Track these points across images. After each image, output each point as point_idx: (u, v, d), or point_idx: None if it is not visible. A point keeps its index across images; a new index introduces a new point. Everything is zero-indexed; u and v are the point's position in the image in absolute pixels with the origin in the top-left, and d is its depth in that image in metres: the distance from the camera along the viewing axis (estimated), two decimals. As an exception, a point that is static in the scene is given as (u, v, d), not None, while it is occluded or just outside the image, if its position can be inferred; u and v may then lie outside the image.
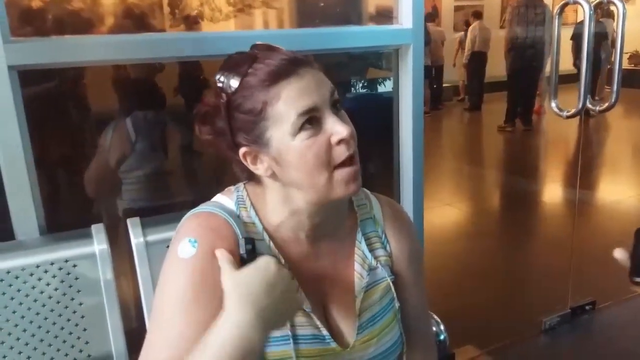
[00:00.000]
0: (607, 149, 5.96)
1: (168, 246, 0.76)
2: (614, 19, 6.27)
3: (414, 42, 1.34)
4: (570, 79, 3.03)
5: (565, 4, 1.59)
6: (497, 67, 7.17)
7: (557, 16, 1.64)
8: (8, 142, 0.99)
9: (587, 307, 2.25)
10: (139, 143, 1.50)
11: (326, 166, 0.69)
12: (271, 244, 0.76)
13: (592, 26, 1.61)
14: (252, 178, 0.76)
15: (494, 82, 7.57)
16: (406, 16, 1.34)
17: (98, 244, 1.00)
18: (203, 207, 0.77)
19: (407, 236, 0.86)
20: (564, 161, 5.29)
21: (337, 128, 0.68)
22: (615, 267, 0.78)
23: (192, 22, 1.53)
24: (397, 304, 0.81)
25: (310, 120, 0.68)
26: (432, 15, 7.74)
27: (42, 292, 0.96)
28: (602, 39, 5.75)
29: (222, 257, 0.68)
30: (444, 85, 7.98)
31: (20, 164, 1.01)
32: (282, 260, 0.75)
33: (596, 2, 1.62)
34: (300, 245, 0.77)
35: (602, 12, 5.54)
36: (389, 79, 1.57)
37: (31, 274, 0.96)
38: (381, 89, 3.05)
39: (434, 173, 4.61)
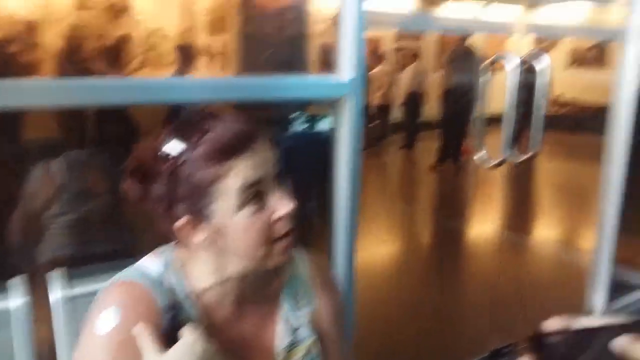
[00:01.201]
0: (532, 190, 6.32)
1: (92, 303, 0.72)
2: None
3: (354, 93, 1.38)
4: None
5: (494, 61, 1.70)
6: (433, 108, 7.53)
7: (486, 71, 1.74)
8: None
9: (505, 350, 2.32)
10: (66, 186, 1.43)
11: (266, 241, 0.70)
12: (195, 310, 0.74)
13: (517, 81, 1.72)
14: (184, 245, 0.74)
15: (430, 122, 7.93)
16: (347, 67, 1.38)
17: (14, 299, 0.93)
18: (125, 275, 0.74)
19: (332, 294, 0.87)
20: (490, 201, 5.55)
21: (280, 205, 0.70)
22: (534, 310, 0.81)
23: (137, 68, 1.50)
24: None
25: (255, 195, 0.69)
26: (380, 58, 8.07)
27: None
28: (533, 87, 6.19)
29: (144, 336, 0.65)
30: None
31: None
32: (204, 326, 0.72)
33: (522, 58, 1.74)
34: (224, 309, 0.76)
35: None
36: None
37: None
38: (323, 124, 3.09)
39: (367, 210, 4.69)
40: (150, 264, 0.75)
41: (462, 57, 6.06)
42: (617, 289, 2.48)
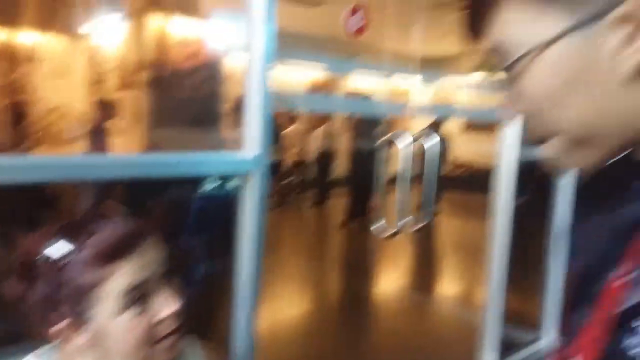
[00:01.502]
0: (434, 248, 6.65)
1: None
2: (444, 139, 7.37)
3: (260, 168, 1.45)
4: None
5: (390, 142, 1.87)
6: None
7: (383, 147, 1.91)
8: None
9: None
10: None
11: (147, 343, 0.70)
12: None
13: (409, 158, 1.89)
14: (65, 345, 0.73)
15: (342, 179, 8.28)
16: (253, 144, 1.46)
17: None
18: None
19: None
20: (395, 259, 5.78)
21: (164, 305, 0.71)
22: None
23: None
24: None
25: (139, 297, 0.69)
26: (293, 118, 8.36)
27: None
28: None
29: None
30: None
31: None
32: None
33: (413, 137, 1.92)
34: None
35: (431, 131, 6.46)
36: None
37: None
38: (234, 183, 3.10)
39: (278, 268, 4.72)
40: None
41: (366, 121, 6.43)
42: (508, 346, 2.60)
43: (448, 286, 5.03)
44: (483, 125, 8.65)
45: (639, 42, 0.43)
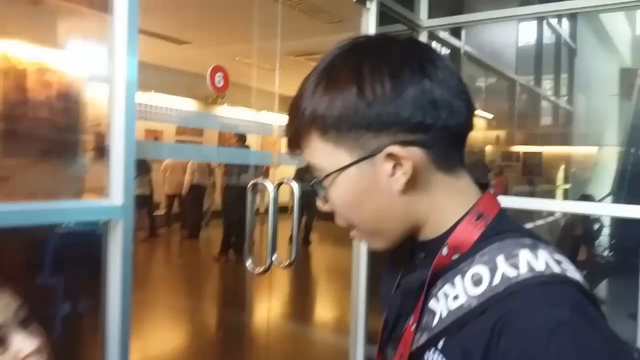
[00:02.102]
0: (308, 276, 6.83)
1: None
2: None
3: (124, 216, 1.47)
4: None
5: (255, 184, 1.98)
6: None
7: (250, 192, 2.01)
8: None
9: None
10: None
11: None
12: None
13: (275, 201, 2.01)
14: None
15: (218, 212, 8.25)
16: (117, 192, 1.47)
17: None
18: None
19: None
20: (272, 290, 5.86)
21: (22, 345, 0.75)
22: None
23: None
24: None
25: None
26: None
27: None
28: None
29: None
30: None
31: None
32: None
33: (277, 183, 2.04)
34: None
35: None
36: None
37: None
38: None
39: (147, 302, 4.56)
40: None
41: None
42: None
43: (321, 312, 5.23)
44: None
45: (401, 172, 0.65)
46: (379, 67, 0.63)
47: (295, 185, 1.98)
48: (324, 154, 0.66)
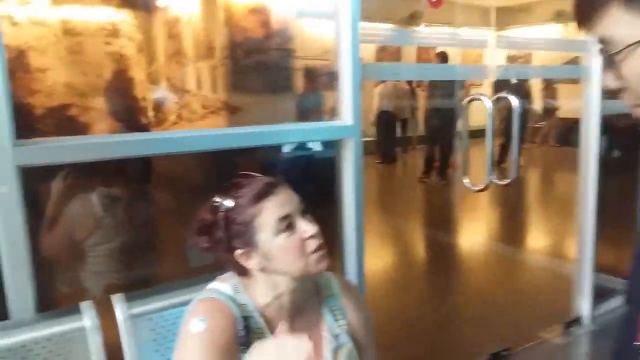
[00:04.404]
0: (520, 201, 6.52)
1: (151, 319, 1.01)
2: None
3: (354, 135, 1.62)
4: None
5: (472, 99, 1.95)
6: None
7: (465, 108, 2.00)
8: (11, 234, 1.13)
9: (503, 353, 2.53)
10: (106, 219, 1.63)
11: (303, 255, 0.94)
12: (262, 321, 0.97)
13: (492, 118, 1.96)
14: (244, 273, 0.98)
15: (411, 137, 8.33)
16: (347, 114, 1.62)
17: (88, 320, 1.14)
18: (205, 294, 0.97)
19: (360, 307, 1.09)
20: (478, 213, 5.77)
21: (306, 228, 0.94)
22: (526, 316, 1.03)
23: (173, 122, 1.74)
24: None
25: (287, 224, 0.93)
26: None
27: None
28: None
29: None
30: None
31: (21, 250, 1.14)
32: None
33: (494, 98, 1.99)
34: (282, 320, 0.98)
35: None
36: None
37: (30, 350, 1.08)
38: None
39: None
40: (221, 286, 0.98)
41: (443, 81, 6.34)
42: (601, 294, 2.65)
43: (536, 238, 4.96)
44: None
45: None
46: None
47: (514, 100, 1.90)
48: (624, 25, 0.62)
